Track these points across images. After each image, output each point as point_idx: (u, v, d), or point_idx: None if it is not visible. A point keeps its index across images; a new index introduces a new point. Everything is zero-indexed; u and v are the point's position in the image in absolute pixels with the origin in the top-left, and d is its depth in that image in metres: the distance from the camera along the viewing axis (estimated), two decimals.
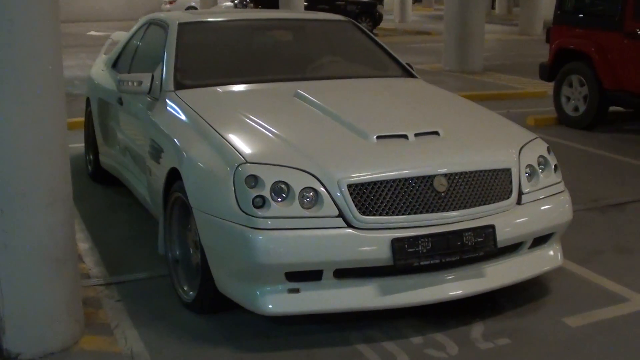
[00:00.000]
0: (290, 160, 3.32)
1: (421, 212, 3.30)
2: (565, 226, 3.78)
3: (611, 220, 5.09)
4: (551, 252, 3.77)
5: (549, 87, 9.01)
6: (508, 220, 3.49)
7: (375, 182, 3.28)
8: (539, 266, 3.70)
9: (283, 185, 3.22)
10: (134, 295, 3.91)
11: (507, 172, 3.57)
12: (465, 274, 3.43)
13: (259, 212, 3.16)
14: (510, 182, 3.57)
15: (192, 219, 3.50)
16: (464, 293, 3.41)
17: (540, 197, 3.65)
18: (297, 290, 3.22)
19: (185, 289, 3.72)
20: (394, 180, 3.30)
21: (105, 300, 3.83)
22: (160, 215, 4.00)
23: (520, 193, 3.59)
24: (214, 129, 3.62)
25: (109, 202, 5.46)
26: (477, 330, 3.48)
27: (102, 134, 5.56)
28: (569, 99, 8.09)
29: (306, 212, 3.19)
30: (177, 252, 3.86)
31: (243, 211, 3.19)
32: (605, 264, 4.28)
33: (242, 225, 3.18)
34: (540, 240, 3.67)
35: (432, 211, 3.32)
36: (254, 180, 3.21)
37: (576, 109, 8.01)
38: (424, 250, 3.25)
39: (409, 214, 3.29)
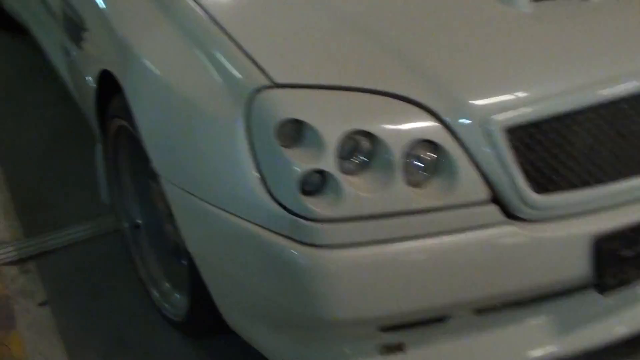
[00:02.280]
0: (376, 76, 1.51)
1: None
2: None
3: None
4: None
5: None
6: None
7: (558, 119, 1.51)
8: None
9: (364, 140, 1.44)
10: (70, 282, 2.23)
11: None
12: None
13: (318, 208, 1.41)
14: None
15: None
16: None
17: None
18: (399, 349, 1.57)
19: (165, 287, 2.05)
20: (591, 109, 1.53)
21: (20, 307, 2.15)
22: (98, 140, 2.22)
23: None
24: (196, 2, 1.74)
25: (20, 72, 3.53)
26: None
27: None
28: None
29: (421, 199, 1.45)
30: (138, 215, 2.14)
31: (279, 203, 1.44)
32: None
33: (279, 234, 1.45)
34: None
35: None
36: (295, 130, 1.43)
37: None
38: None
39: (623, 178, 1.57)
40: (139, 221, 2.14)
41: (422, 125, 1.46)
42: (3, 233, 2.44)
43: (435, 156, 1.46)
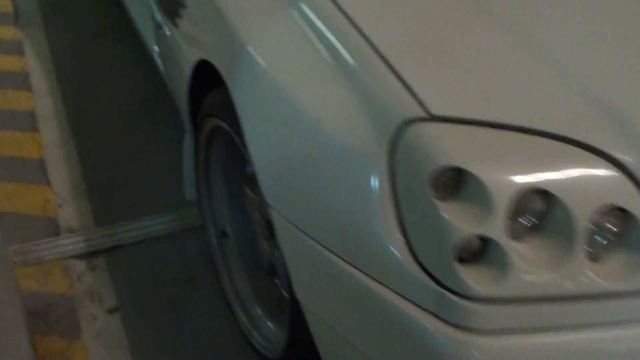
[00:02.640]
0: (556, 116, 1.19)
1: None
2: None
3: None
4: None
5: None
6: None
7: None
8: None
9: (539, 199, 1.13)
10: (145, 285, 2.00)
11: None
12: None
13: (477, 284, 1.11)
14: None
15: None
16: None
17: None
18: None
19: (255, 312, 1.79)
20: None
21: (87, 312, 1.93)
22: (187, 130, 1.95)
23: None
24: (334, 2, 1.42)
25: (100, 28, 3.27)
26: None
27: None
28: None
29: (601, 280, 1.14)
30: (227, 223, 1.88)
31: (425, 270, 1.14)
32: None
33: (420, 308, 1.16)
34: None
35: None
36: (452, 178, 1.13)
37: None
38: None
39: None
40: (228, 230, 1.88)
41: (614, 186, 1.14)
42: (71, 220, 2.20)
43: (622, 224, 1.15)
